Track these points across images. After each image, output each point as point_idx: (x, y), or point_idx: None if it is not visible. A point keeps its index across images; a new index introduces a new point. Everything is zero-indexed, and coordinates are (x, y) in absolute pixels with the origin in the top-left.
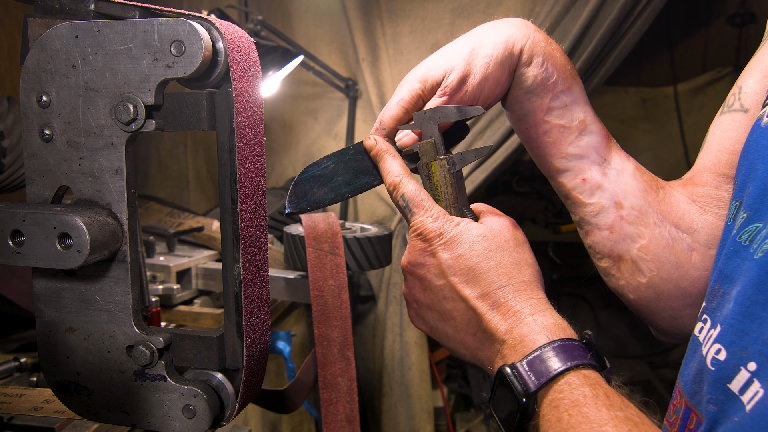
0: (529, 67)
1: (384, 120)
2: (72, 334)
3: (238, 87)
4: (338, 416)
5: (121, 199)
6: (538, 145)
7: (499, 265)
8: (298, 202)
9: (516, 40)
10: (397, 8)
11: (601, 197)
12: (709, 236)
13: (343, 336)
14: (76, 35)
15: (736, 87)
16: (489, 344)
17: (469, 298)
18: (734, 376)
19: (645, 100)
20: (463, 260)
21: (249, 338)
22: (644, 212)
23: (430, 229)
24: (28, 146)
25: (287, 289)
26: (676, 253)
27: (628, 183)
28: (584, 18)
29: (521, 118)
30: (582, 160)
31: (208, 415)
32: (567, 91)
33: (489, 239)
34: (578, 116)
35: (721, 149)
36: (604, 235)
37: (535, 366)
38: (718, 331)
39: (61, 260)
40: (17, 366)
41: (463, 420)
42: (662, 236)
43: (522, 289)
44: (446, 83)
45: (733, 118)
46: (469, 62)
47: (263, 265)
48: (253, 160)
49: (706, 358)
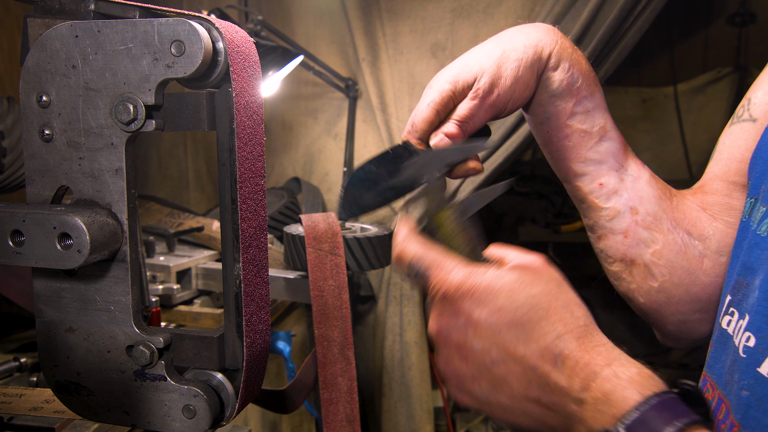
0: (556, 71)
1: (416, 123)
2: (72, 334)
3: (238, 87)
4: (338, 416)
5: (121, 199)
6: (558, 148)
7: (549, 311)
8: (350, 207)
9: (545, 44)
10: (397, 8)
11: (617, 202)
12: (720, 244)
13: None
14: (76, 35)
15: (745, 99)
16: (560, 408)
17: (526, 356)
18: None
19: (645, 100)
20: (506, 314)
21: (249, 338)
22: (659, 218)
23: (456, 286)
24: (28, 146)
25: (287, 289)
26: (688, 259)
27: (644, 189)
28: (584, 18)
29: (543, 121)
30: (600, 165)
31: (208, 415)
32: (590, 97)
33: (528, 284)
34: (599, 122)
35: (731, 158)
36: (618, 240)
37: (644, 426)
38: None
39: (61, 260)
40: (17, 366)
41: (463, 420)
42: (675, 242)
43: (583, 335)
44: (478, 86)
45: (743, 128)
46: (500, 65)
47: (263, 265)
48: (253, 160)
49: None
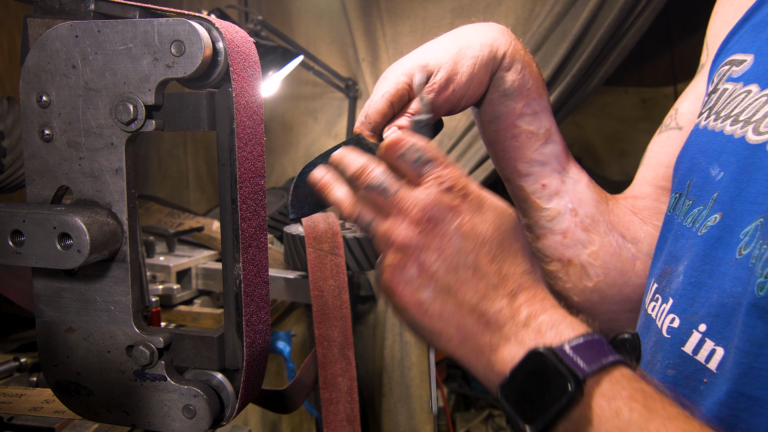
0: (509, 71)
1: (370, 114)
2: (72, 334)
3: (238, 87)
4: (339, 416)
5: (121, 199)
6: (504, 148)
7: (523, 249)
8: (300, 206)
9: (500, 44)
10: (397, 8)
11: (559, 203)
12: (650, 246)
13: (343, 336)
14: (76, 35)
15: (673, 110)
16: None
17: (493, 273)
18: (687, 338)
19: (645, 100)
20: (496, 232)
21: (249, 338)
22: (596, 221)
23: (462, 185)
24: (28, 146)
25: (287, 289)
26: (622, 261)
27: (584, 192)
28: (584, 18)
29: (492, 120)
30: (544, 166)
31: (208, 415)
32: (538, 99)
33: (512, 216)
34: (545, 125)
35: (659, 163)
36: (557, 240)
37: (582, 351)
38: (670, 304)
39: (61, 260)
40: (17, 366)
41: (463, 420)
42: (610, 244)
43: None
44: (434, 80)
45: (670, 135)
46: (456, 61)
47: (263, 265)
48: (253, 160)
49: (662, 329)
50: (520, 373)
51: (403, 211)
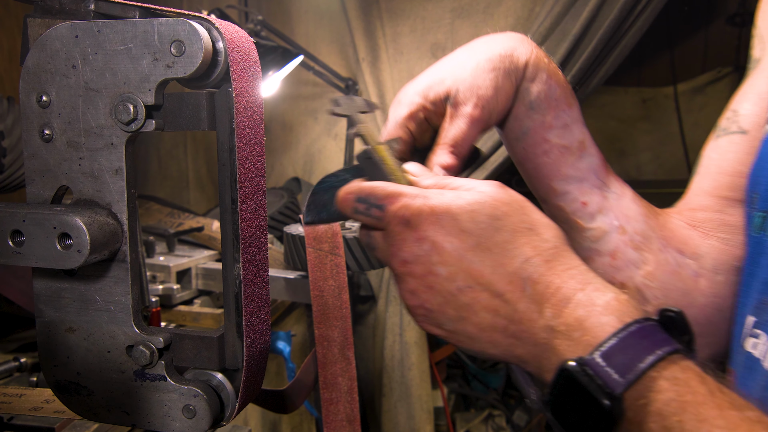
0: (534, 82)
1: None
2: (72, 334)
3: (238, 87)
4: (339, 416)
5: (121, 199)
6: (535, 165)
7: (515, 234)
8: (317, 212)
9: (520, 53)
10: (397, 8)
11: (603, 222)
12: (716, 261)
13: (343, 336)
14: (76, 35)
15: (730, 111)
16: (529, 338)
17: (492, 282)
18: None
19: (645, 100)
20: (470, 238)
21: (249, 338)
22: (648, 237)
23: (414, 210)
24: (28, 146)
25: (287, 289)
26: (683, 280)
27: (630, 207)
28: (584, 18)
29: (520, 136)
30: (582, 182)
31: (208, 415)
32: (568, 110)
33: (488, 205)
34: (578, 137)
35: (720, 172)
36: (606, 262)
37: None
38: None
39: (61, 260)
40: (17, 366)
41: (463, 420)
42: (667, 262)
43: (553, 258)
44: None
45: (732, 140)
46: (476, 76)
47: (263, 265)
48: (253, 160)
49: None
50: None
51: (387, 264)
